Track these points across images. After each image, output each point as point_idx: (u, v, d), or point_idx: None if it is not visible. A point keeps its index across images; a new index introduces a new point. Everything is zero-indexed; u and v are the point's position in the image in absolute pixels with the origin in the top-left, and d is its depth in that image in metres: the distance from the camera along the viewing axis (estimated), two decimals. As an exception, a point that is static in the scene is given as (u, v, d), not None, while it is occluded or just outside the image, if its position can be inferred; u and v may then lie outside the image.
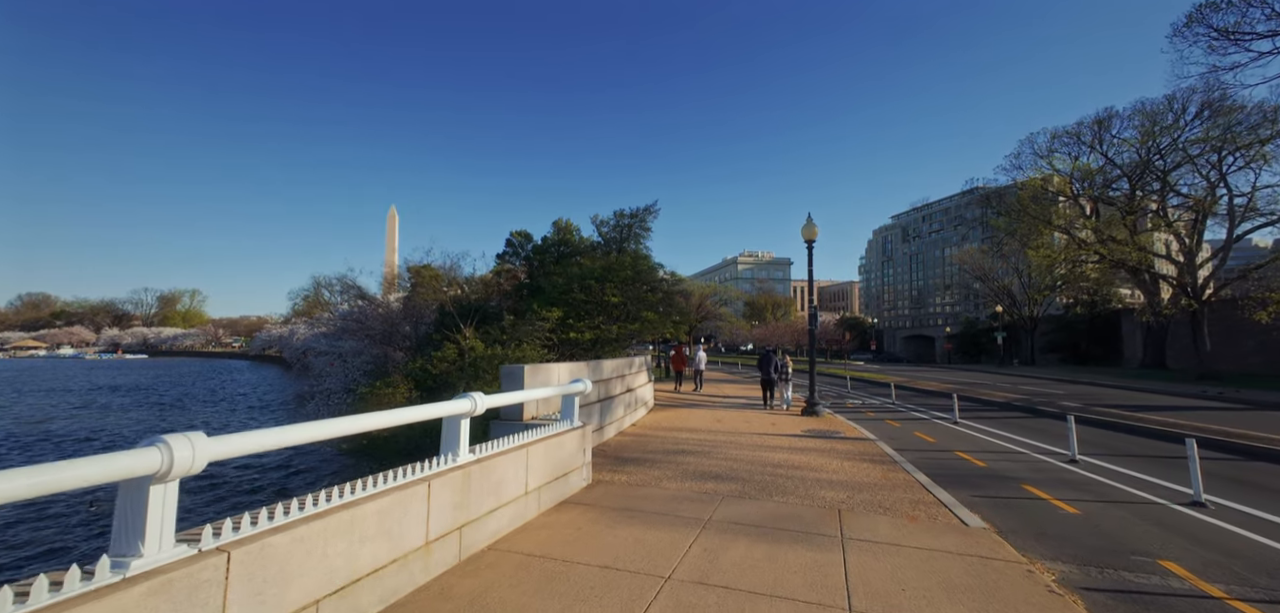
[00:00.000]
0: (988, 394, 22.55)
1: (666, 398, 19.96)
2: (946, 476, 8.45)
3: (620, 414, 11.11)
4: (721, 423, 13.18)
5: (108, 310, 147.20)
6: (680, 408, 16.39)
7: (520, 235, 31.12)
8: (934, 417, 16.32)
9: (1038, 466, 9.51)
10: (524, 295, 27.30)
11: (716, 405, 17.54)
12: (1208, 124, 34.29)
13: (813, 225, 15.86)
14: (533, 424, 6.60)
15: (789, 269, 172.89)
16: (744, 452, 9.60)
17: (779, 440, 10.88)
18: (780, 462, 8.77)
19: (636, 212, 28.98)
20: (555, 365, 8.10)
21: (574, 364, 9.11)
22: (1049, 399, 20.47)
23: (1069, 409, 16.80)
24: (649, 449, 9.62)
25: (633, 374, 12.72)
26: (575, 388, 6.56)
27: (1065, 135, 43.92)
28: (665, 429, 12.01)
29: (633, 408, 12.27)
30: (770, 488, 7.05)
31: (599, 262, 27.94)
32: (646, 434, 11.24)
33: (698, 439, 10.76)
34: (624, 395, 11.47)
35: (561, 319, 23.96)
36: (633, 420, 12.20)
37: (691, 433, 11.55)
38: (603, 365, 10.34)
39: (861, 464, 8.74)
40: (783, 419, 14.22)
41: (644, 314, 25.28)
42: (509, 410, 7.03)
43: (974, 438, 12.48)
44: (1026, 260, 62.69)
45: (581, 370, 9.22)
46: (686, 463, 8.57)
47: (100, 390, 40.30)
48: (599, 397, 9.84)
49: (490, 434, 6.77)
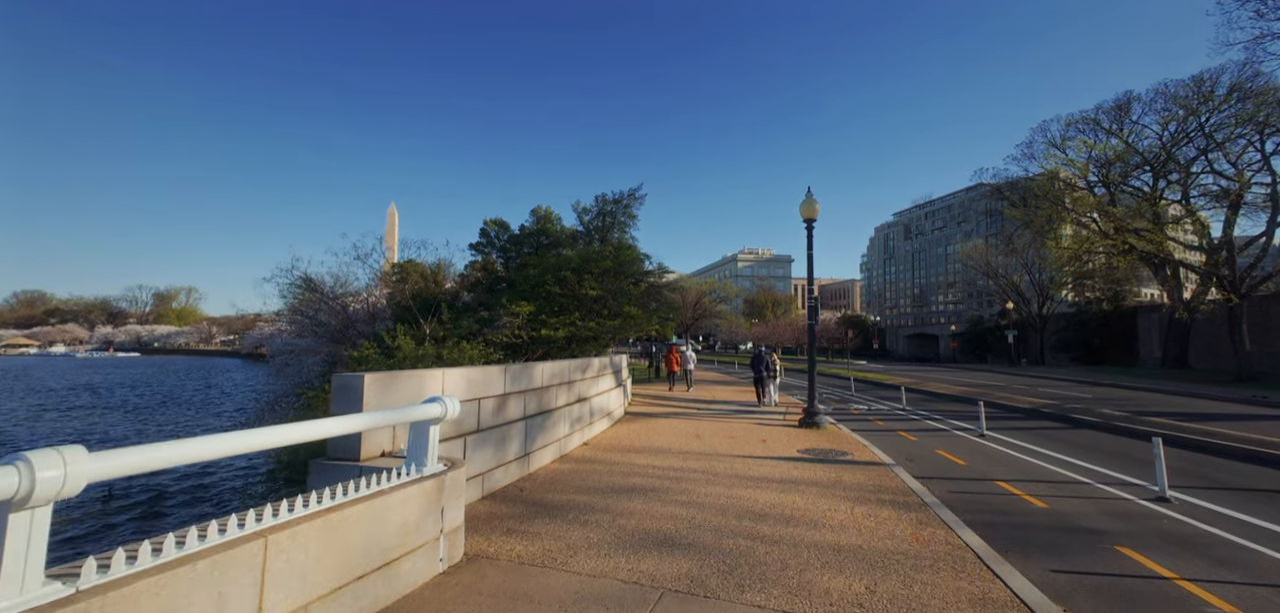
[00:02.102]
0: (1007, 398, 20.03)
1: (650, 401, 17.45)
2: (1001, 528, 5.96)
3: (563, 433, 8.60)
4: (700, 439, 10.68)
5: (102, 308, 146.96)
6: (655, 418, 13.86)
7: (495, 224, 28.61)
8: (954, 427, 13.82)
9: (1116, 507, 7.00)
10: (494, 289, 24.86)
11: (701, 413, 15.01)
12: (1238, 108, 31.96)
13: (813, 202, 13.33)
14: (370, 469, 4.12)
15: (789, 267, 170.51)
16: (718, 488, 7.08)
17: (768, 468, 8.37)
18: (765, 509, 6.26)
19: (620, 196, 26.47)
20: (439, 372, 5.59)
21: (484, 370, 6.60)
22: (1082, 405, 17.92)
23: (1116, 419, 14.26)
24: (588, 485, 7.11)
25: (587, 380, 10.23)
26: (423, 412, 4.03)
27: (1081, 122, 41.40)
28: (624, 450, 9.50)
29: (585, 423, 9.77)
30: (743, 570, 4.53)
31: (577, 251, 25.49)
32: (596, 459, 8.73)
33: (661, 468, 8.24)
34: (570, 409, 8.96)
35: (533, 315, 21.54)
36: (584, 439, 9.70)
37: (656, 456, 9.03)
38: (533, 372, 7.81)
39: (879, 511, 6.23)
40: (776, 433, 11.72)
41: (626, 309, 22.82)
42: (340, 445, 4.54)
43: (1011, 459, 9.97)
44: (1036, 255, 60.47)
45: (493, 378, 6.70)
46: (630, 512, 6.06)
47: (74, 391, 38.05)
48: (523, 413, 7.34)
49: (310, 482, 4.28)
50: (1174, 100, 36.35)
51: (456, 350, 14.50)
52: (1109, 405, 18.20)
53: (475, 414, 6.14)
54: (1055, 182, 37.59)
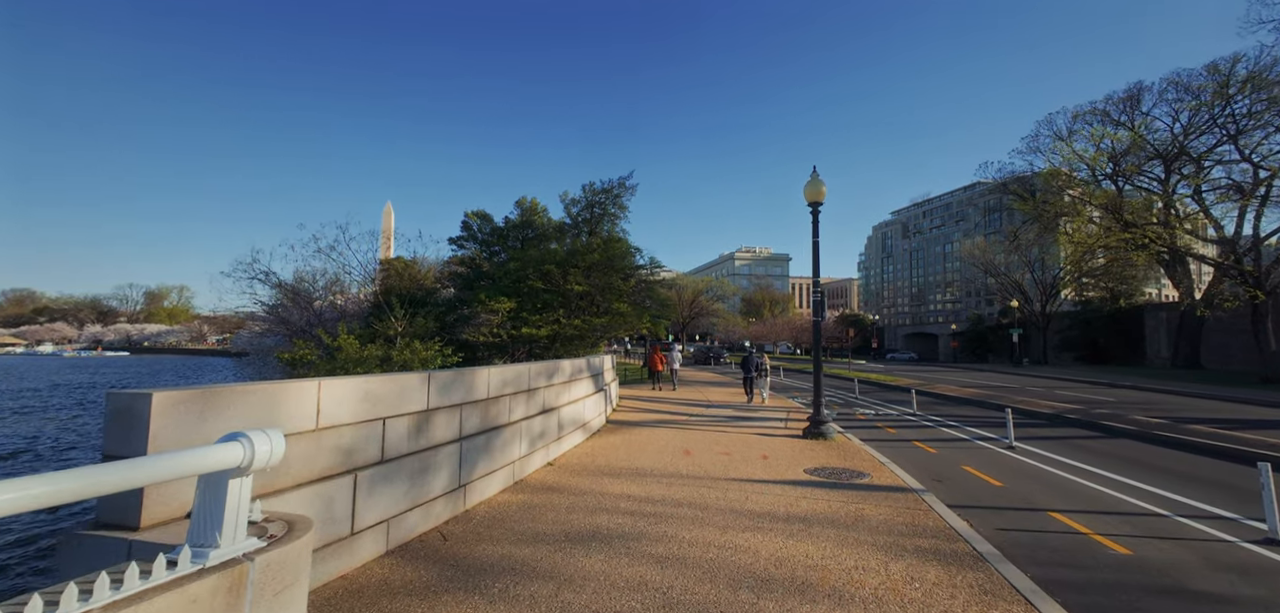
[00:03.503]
0: (1024, 402, 18.53)
1: (637, 407, 15.84)
2: (1090, 591, 4.39)
3: (518, 454, 7.00)
4: (689, 455, 9.08)
5: (92, 307, 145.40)
6: (641, 428, 12.25)
7: (477, 216, 26.88)
8: (975, 437, 12.27)
9: (1219, 553, 5.42)
10: (474, 285, 23.19)
11: (693, 420, 13.40)
12: (1253, 98, 30.69)
13: (819, 183, 11.76)
14: (152, 548, 2.52)
15: (787, 265, 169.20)
16: (708, 531, 5.48)
17: (771, 498, 6.78)
18: (770, 567, 4.65)
19: (609, 186, 24.73)
20: (313, 385, 3.99)
21: (395, 379, 4.97)
22: (1109, 410, 16.42)
23: (1155, 427, 12.70)
24: (536, 530, 5.49)
25: (555, 387, 8.62)
26: (212, 459, 2.42)
27: (1089, 114, 40.05)
28: (597, 472, 7.90)
29: (551, 438, 8.17)
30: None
31: (562, 244, 23.84)
32: (559, 485, 7.13)
33: (637, 500, 6.65)
34: (529, 423, 7.36)
35: (514, 312, 19.91)
36: (549, 458, 8.09)
37: (634, 482, 7.44)
38: (473, 380, 6.16)
39: (922, 569, 4.64)
40: (778, 445, 10.15)
41: (616, 306, 21.18)
42: (112, 507, 2.94)
43: (1055, 478, 8.42)
44: (1039, 252, 59.12)
45: (410, 391, 5.09)
46: (584, 578, 4.43)
47: (39, 393, 36.37)
48: (457, 434, 5.73)
49: (56, 563, 2.67)
50: (1187, 90, 35.06)
51: (407, 349, 12.90)
52: (1136, 410, 16.74)
53: (377, 440, 4.55)
54: (1061, 176, 36.27)
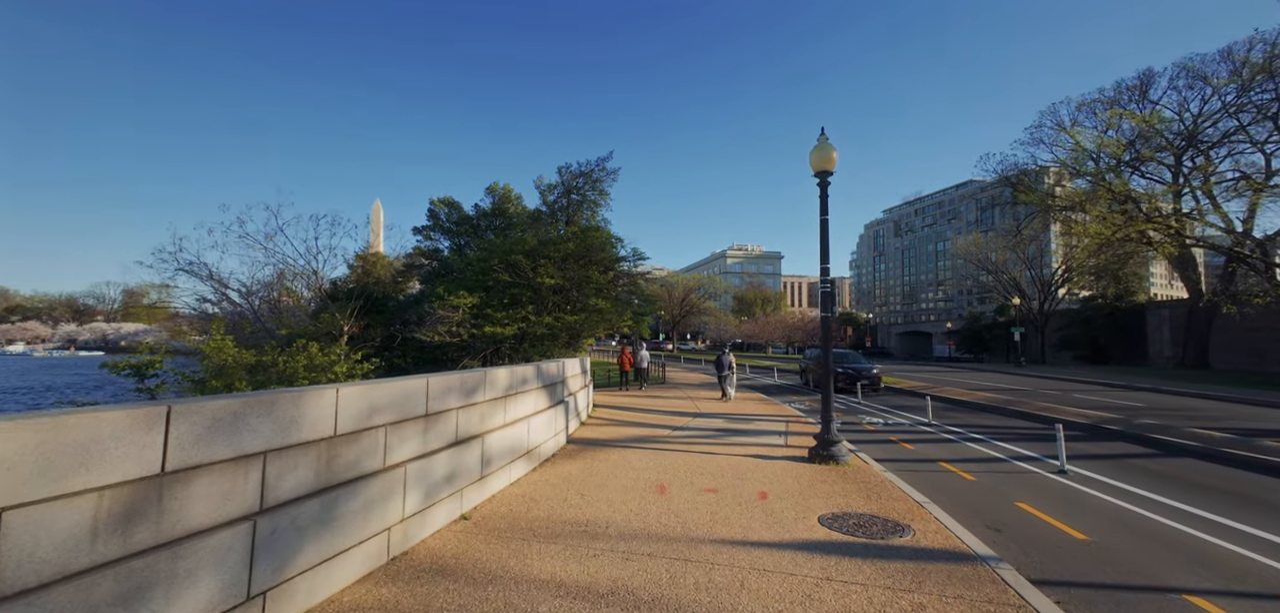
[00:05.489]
0: (1047, 409, 16.57)
1: (607, 419, 13.43)
2: None
3: (400, 515, 4.69)
4: (664, 494, 6.83)
5: (67, 305, 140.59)
6: (608, 449, 9.96)
7: (444, 203, 24.46)
8: (1011, 456, 10.15)
9: None
10: (435, 279, 20.82)
11: (673, 437, 11.09)
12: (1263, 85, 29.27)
13: (829, 148, 9.57)
14: None
15: (779, 264, 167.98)
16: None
17: (776, 584, 4.53)
18: None
19: (588, 169, 22.26)
20: None
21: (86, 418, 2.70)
22: (1154, 419, 14.44)
23: (1223, 444, 10.54)
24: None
25: (482, 404, 6.32)
26: None
27: (1095, 103, 38.47)
28: (525, 534, 5.61)
29: (469, 479, 5.88)
30: None
31: (532, 234, 21.52)
32: (461, 562, 4.81)
33: (573, 593, 4.40)
34: (425, 464, 5.06)
35: (477, 308, 17.57)
36: (463, 509, 5.78)
37: (576, 554, 5.16)
38: (301, 407, 3.83)
39: None
40: (778, 474, 7.92)
41: (593, 301, 18.87)
42: None
43: (1148, 524, 6.28)
44: (1037, 249, 57.66)
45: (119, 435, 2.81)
46: None
47: None
48: (253, 507, 3.40)
49: None
50: (1199, 77, 33.53)
51: (333, 352, 10.55)
52: (1176, 417, 14.88)
53: (29, 545, 2.26)
54: (1080, 152, 34.80)
